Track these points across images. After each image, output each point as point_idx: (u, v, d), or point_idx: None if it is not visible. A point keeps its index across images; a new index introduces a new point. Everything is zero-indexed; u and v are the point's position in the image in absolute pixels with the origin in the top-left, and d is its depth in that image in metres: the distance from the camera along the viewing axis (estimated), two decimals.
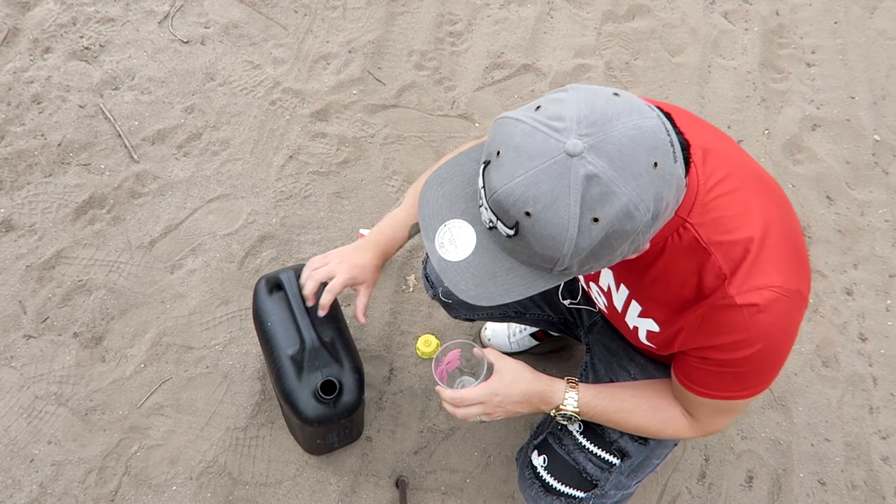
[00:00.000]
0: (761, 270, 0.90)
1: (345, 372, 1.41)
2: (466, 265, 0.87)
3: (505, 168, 0.77)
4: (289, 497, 1.57)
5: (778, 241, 0.92)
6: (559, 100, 0.78)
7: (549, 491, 1.25)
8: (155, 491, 1.55)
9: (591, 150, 0.73)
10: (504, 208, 0.78)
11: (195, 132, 2.05)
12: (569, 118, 0.75)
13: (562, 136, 0.74)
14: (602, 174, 0.73)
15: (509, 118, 0.79)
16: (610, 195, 0.73)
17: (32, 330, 1.70)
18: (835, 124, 2.34)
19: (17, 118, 1.99)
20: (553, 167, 0.74)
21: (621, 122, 0.74)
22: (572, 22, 2.48)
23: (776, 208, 0.96)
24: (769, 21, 2.58)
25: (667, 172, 0.76)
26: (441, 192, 0.92)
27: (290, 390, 1.37)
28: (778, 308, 0.91)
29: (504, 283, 0.85)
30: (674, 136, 0.78)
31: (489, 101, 2.25)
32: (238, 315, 1.78)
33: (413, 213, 1.30)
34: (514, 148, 0.76)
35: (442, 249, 0.89)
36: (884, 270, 2.04)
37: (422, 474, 1.63)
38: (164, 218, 1.89)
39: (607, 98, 0.77)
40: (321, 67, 2.23)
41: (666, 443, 1.26)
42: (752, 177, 0.97)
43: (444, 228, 0.89)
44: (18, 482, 1.53)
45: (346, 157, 2.07)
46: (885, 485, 1.70)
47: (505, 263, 0.85)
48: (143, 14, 2.25)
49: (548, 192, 0.74)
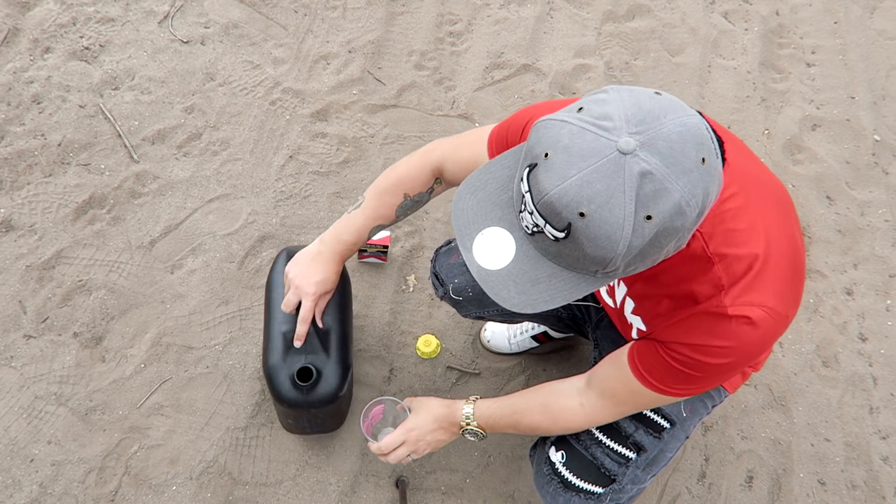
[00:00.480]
0: (759, 288, 0.92)
1: (329, 363, 1.40)
2: (507, 273, 0.86)
3: (556, 169, 0.76)
4: (289, 497, 1.57)
5: (780, 262, 0.94)
6: (602, 100, 0.78)
7: (567, 487, 1.26)
8: (155, 491, 1.55)
9: (644, 147, 0.73)
10: (556, 210, 0.77)
11: (195, 132, 2.05)
12: (617, 117, 0.75)
13: (612, 134, 0.74)
14: (655, 171, 0.73)
15: (553, 120, 0.79)
16: (663, 192, 0.73)
17: (32, 330, 1.70)
18: (835, 124, 2.34)
19: (17, 118, 1.99)
20: (606, 165, 0.73)
21: (668, 120, 0.75)
22: (572, 22, 2.48)
23: (782, 227, 0.97)
24: (769, 21, 2.58)
25: (713, 168, 0.76)
26: (475, 200, 0.90)
27: (271, 366, 1.39)
28: (764, 327, 0.93)
29: (547, 289, 0.85)
30: (712, 133, 0.79)
31: (489, 101, 2.25)
32: (238, 315, 1.78)
33: (375, 216, 1.29)
34: (563, 149, 0.76)
35: (481, 259, 0.88)
36: (884, 270, 2.04)
37: (422, 474, 1.63)
38: (164, 218, 1.89)
39: (650, 96, 0.77)
40: (321, 67, 2.23)
41: (678, 435, 1.27)
42: (763, 192, 0.98)
43: (482, 237, 0.88)
44: (18, 482, 1.53)
45: (346, 157, 2.07)
46: (885, 485, 1.70)
47: (547, 269, 0.85)
48: (143, 14, 2.25)
49: (602, 190, 0.73)
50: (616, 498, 1.24)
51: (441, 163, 1.25)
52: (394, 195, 1.28)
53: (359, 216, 1.30)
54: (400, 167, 1.29)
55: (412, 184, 1.27)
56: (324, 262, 1.33)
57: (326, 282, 1.33)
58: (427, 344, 1.76)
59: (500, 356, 1.80)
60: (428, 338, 1.77)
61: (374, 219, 1.30)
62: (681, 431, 1.27)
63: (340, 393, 1.43)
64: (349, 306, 1.50)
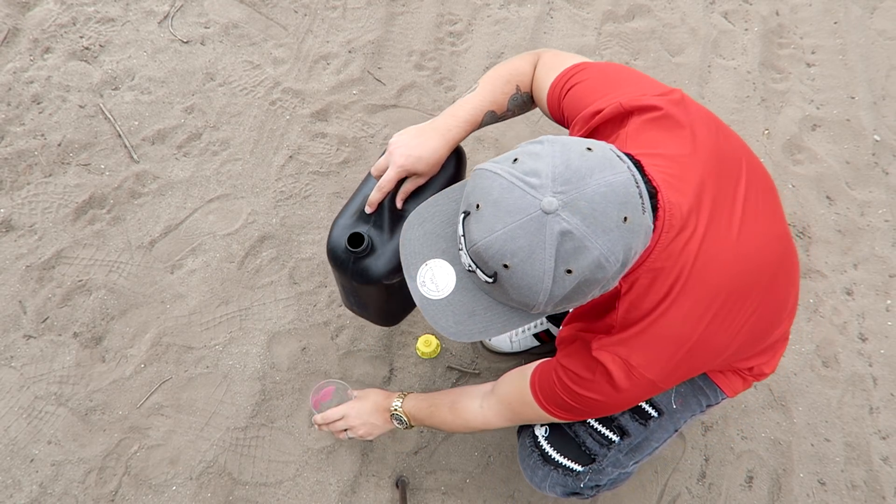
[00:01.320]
0: (631, 346, 0.97)
1: (389, 245, 1.28)
2: (447, 303, 0.92)
3: (484, 222, 0.81)
4: (289, 497, 1.57)
5: (670, 338, 0.97)
6: (535, 154, 0.82)
7: (547, 461, 1.29)
8: (155, 491, 1.55)
9: (566, 207, 0.77)
10: (483, 259, 0.83)
11: (195, 132, 2.05)
12: (544, 174, 0.79)
13: (538, 192, 0.78)
14: (575, 230, 0.77)
15: (487, 171, 0.83)
16: (582, 249, 0.78)
17: (32, 330, 1.70)
18: (835, 124, 2.34)
19: (17, 118, 1.99)
20: (529, 223, 0.78)
21: (594, 180, 0.79)
22: (572, 22, 2.48)
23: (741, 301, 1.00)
24: (769, 21, 2.57)
25: (636, 224, 0.81)
26: (422, 231, 0.96)
27: (336, 222, 1.31)
28: (623, 383, 0.99)
29: (482, 321, 0.91)
30: (643, 188, 0.83)
31: None
32: (238, 315, 1.78)
33: (490, 99, 1.24)
34: (493, 202, 0.81)
35: (423, 288, 0.93)
36: (884, 270, 2.04)
37: (422, 474, 1.63)
38: (164, 218, 1.89)
39: (581, 153, 0.81)
40: (321, 67, 2.23)
41: (665, 426, 1.29)
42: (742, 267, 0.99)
43: (426, 267, 0.94)
44: (18, 482, 1.53)
45: (346, 157, 2.07)
46: (885, 485, 1.70)
47: (483, 302, 0.90)
48: (143, 14, 2.25)
49: (525, 246, 0.79)
50: (595, 479, 1.27)
51: (537, 74, 1.25)
52: (507, 83, 1.25)
53: (474, 97, 1.24)
54: (514, 60, 1.28)
55: (523, 79, 1.26)
56: (428, 138, 1.21)
57: (422, 160, 1.20)
58: (427, 344, 1.76)
59: (500, 356, 1.80)
60: (428, 338, 1.77)
61: (490, 102, 1.24)
62: (669, 423, 1.28)
63: (387, 280, 1.30)
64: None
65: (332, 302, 1.82)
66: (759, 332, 1.08)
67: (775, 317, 1.10)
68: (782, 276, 1.07)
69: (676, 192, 0.94)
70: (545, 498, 1.61)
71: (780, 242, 1.07)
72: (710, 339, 0.99)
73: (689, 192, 0.95)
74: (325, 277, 1.86)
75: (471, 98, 1.24)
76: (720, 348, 1.02)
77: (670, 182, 0.94)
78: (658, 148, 0.99)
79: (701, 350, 1.00)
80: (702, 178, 0.97)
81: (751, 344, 1.09)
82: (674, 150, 0.99)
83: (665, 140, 1.01)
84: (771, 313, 1.08)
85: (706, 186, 0.97)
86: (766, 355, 1.23)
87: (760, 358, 1.22)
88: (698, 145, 1.01)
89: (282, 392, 1.69)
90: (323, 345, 1.76)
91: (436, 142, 1.21)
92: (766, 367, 1.25)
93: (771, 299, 1.05)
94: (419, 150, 1.20)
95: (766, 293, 1.03)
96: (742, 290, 1.00)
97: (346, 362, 1.75)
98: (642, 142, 1.00)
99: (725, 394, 1.28)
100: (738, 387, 1.28)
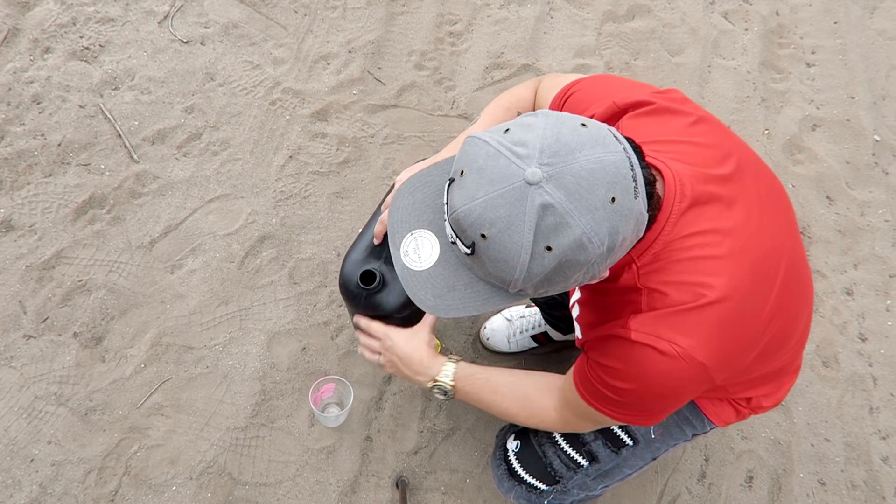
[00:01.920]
0: (676, 327, 0.89)
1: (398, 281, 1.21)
2: (427, 276, 0.89)
3: (466, 188, 0.78)
4: (289, 497, 1.57)
5: (721, 313, 0.89)
6: (527, 125, 0.79)
7: (512, 475, 1.29)
8: (155, 491, 1.55)
9: (550, 179, 0.74)
10: (462, 228, 0.80)
11: (195, 132, 2.05)
12: (532, 145, 0.76)
13: (523, 162, 0.75)
14: (557, 205, 0.74)
15: (478, 138, 0.81)
16: (564, 226, 0.75)
17: (32, 330, 1.70)
18: (835, 124, 2.34)
19: (17, 118, 1.99)
20: (511, 193, 0.75)
21: (583, 155, 0.75)
22: (572, 22, 2.48)
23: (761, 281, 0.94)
24: (769, 21, 2.57)
25: (625, 208, 0.77)
26: (412, 200, 0.94)
27: (347, 256, 1.33)
28: (670, 365, 0.89)
29: (462, 297, 0.88)
30: (638, 171, 0.79)
31: (489, 102, 2.25)
32: (238, 315, 1.78)
33: None
34: (476, 169, 0.78)
35: (406, 258, 0.91)
36: (884, 270, 2.04)
37: (422, 474, 1.63)
38: (164, 218, 1.89)
39: (574, 128, 0.78)
40: (321, 67, 2.23)
41: (642, 454, 1.26)
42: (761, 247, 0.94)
43: (411, 237, 0.91)
44: (18, 482, 1.53)
45: (346, 157, 2.07)
46: (885, 485, 1.70)
47: (464, 278, 0.87)
48: (143, 14, 2.25)
49: (504, 216, 0.76)
50: (559, 498, 1.26)
51: (538, 98, 1.26)
52: (507, 111, 1.26)
53: (475, 128, 1.27)
54: (516, 89, 1.29)
55: (523, 104, 1.27)
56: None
57: None
58: None
59: (500, 356, 1.80)
60: None
61: None
62: (646, 451, 1.26)
63: (398, 314, 1.30)
64: None
65: (332, 302, 1.82)
66: (779, 340, 1.02)
67: (789, 326, 1.04)
68: (795, 282, 1.02)
69: (688, 168, 0.91)
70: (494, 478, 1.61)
71: (793, 240, 1.04)
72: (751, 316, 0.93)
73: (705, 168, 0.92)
74: (325, 277, 1.86)
75: (472, 129, 1.26)
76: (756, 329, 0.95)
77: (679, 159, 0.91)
78: (660, 135, 0.97)
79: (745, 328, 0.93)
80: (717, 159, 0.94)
81: (769, 354, 1.03)
82: (679, 136, 0.97)
83: (665, 127, 0.99)
84: (787, 320, 1.02)
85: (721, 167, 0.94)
86: (770, 385, 1.17)
87: (763, 388, 1.17)
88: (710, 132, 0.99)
89: (282, 392, 1.69)
90: (323, 345, 1.76)
91: None
92: (765, 400, 1.19)
93: (785, 302, 0.99)
94: None
95: (781, 294, 0.97)
96: (768, 274, 0.94)
97: (346, 362, 1.75)
98: (641, 133, 0.96)
99: (713, 423, 1.23)
100: (730, 417, 1.22)
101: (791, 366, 1.18)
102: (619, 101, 1.03)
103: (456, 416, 1.70)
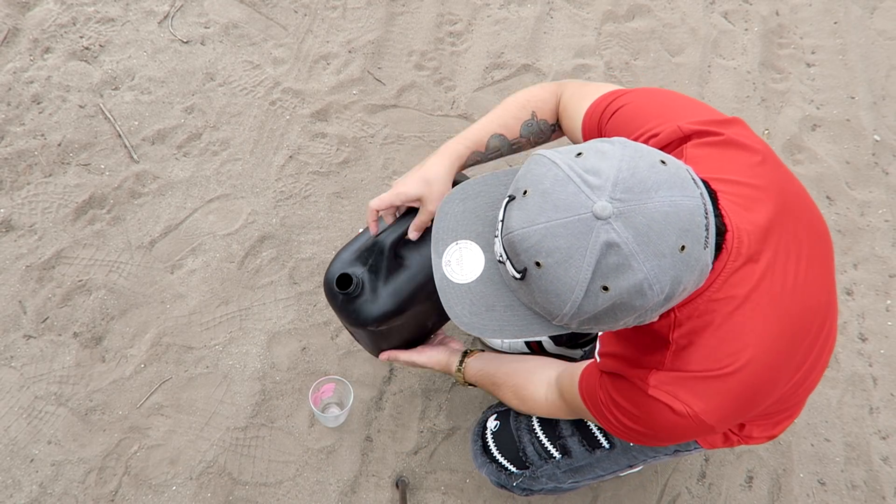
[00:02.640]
0: (695, 391, 0.87)
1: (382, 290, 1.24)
2: (467, 290, 0.85)
3: (527, 210, 0.73)
4: (289, 497, 1.57)
5: (743, 384, 0.88)
6: (602, 152, 0.74)
7: (486, 452, 1.32)
8: (155, 491, 1.55)
9: (620, 216, 0.69)
10: (516, 251, 0.75)
11: (195, 132, 2.05)
12: (606, 176, 0.71)
13: (594, 193, 0.70)
14: (623, 245, 0.70)
15: (546, 158, 0.76)
16: (626, 268, 0.70)
17: (32, 330, 1.70)
18: (835, 124, 2.34)
19: (17, 118, 1.99)
20: (575, 224, 0.70)
21: (659, 196, 0.70)
22: (572, 22, 2.48)
23: (788, 350, 0.91)
24: (769, 21, 2.57)
25: (692, 258, 0.72)
26: (462, 208, 0.89)
27: (338, 255, 1.28)
28: (681, 423, 0.89)
29: (499, 319, 0.84)
30: (711, 220, 0.75)
31: (489, 101, 2.25)
32: (238, 315, 1.78)
33: (498, 122, 1.18)
34: (541, 192, 0.73)
35: (447, 268, 0.87)
36: (884, 270, 2.04)
37: (422, 474, 1.63)
38: (164, 218, 1.89)
39: (652, 164, 0.73)
40: (321, 67, 2.23)
41: (616, 459, 1.25)
42: (790, 315, 0.90)
43: (456, 247, 0.87)
44: (18, 482, 1.53)
45: (346, 157, 2.07)
46: (885, 485, 1.70)
47: (505, 299, 0.83)
48: (143, 14, 2.25)
49: (563, 247, 0.71)
50: (528, 483, 1.28)
51: (563, 103, 1.18)
52: (521, 108, 1.18)
53: (482, 118, 1.19)
54: (534, 88, 1.21)
55: (542, 105, 1.18)
56: (428, 160, 1.16)
57: (421, 181, 1.13)
58: None
59: None
60: None
61: (498, 126, 1.17)
62: (622, 457, 1.25)
63: (373, 327, 1.27)
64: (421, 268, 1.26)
65: None
66: (793, 397, 1.01)
67: (810, 373, 1.01)
68: (822, 342, 0.99)
69: (746, 219, 0.86)
70: (543, 499, 1.61)
71: (829, 296, 1.00)
72: (771, 386, 0.91)
73: (761, 221, 0.87)
74: None
75: (478, 121, 1.19)
76: (773, 395, 0.94)
77: (740, 205, 0.87)
78: (724, 173, 0.91)
79: (761, 396, 0.92)
80: (772, 209, 0.89)
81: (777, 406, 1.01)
82: (742, 176, 0.91)
83: (731, 164, 0.92)
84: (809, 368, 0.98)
85: (775, 219, 0.89)
86: (767, 419, 1.13)
87: (759, 420, 1.13)
88: (769, 173, 0.93)
89: (282, 392, 1.69)
90: (323, 345, 1.76)
91: (431, 160, 1.15)
92: (756, 431, 1.15)
93: (812, 365, 0.98)
94: (419, 171, 1.15)
95: (810, 348, 0.95)
96: (798, 336, 0.92)
97: (345, 362, 1.75)
98: (705, 167, 0.90)
99: (699, 444, 1.21)
100: (717, 442, 1.19)
101: (795, 409, 1.15)
102: (685, 126, 0.95)
103: (456, 416, 1.71)
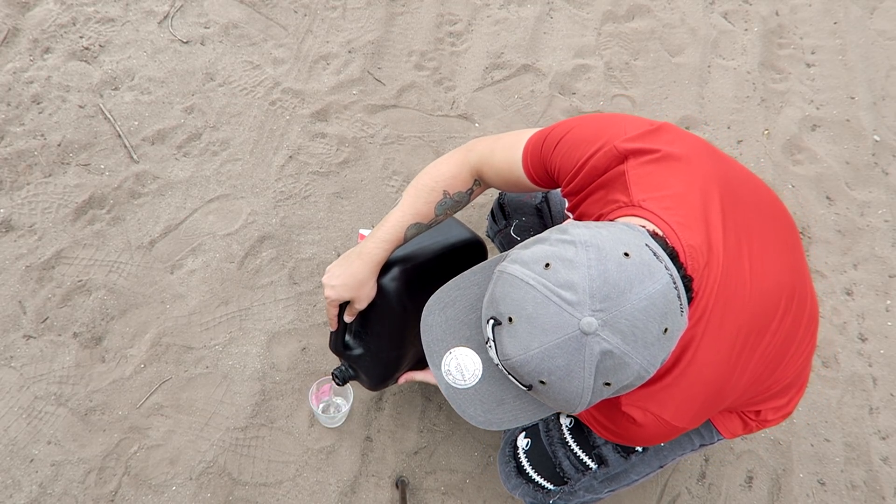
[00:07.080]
0: (662, 400, 0.94)
1: (371, 360, 1.38)
2: (474, 392, 0.89)
3: (519, 338, 0.78)
4: (289, 497, 1.57)
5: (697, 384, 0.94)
6: (569, 262, 0.77)
7: (521, 473, 1.30)
8: (155, 491, 1.55)
9: (605, 326, 0.74)
10: (519, 374, 0.80)
11: (195, 132, 2.05)
12: (580, 289, 0.75)
13: (575, 311, 0.74)
14: (615, 349, 0.75)
15: (518, 279, 0.78)
16: (623, 366, 0.76)
17: (32, 330, 1.70)
18: (835, 124, 2.34)
19: (17, 118, 1.99)
20: (567, 343, 0.75)
21: (634, 294, 0.75)
22: (572, 22, 2.48)
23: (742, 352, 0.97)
24: (769, 21, 2.58)
25: (675, 331, 0.79)
26: (444, 317, 0.92)
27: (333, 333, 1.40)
28: (649, 430, 0.96)
29: (512, 410, 0.88)
30: (680, 285, 0.79)
31: (489, 102, 2.25)
32: (238, 315, 1.78)
33: (411, 212, 1.24)
34: (526, 318, 0.77)
35: (449, 377, 0.90)
36: (884, 270, 2.04)
37: (422, 474, 1.63)
38: (164, 218, 1.89)
39: (618, 263, 0.76)
40: (321, 67, 2.23)
41: (649, 462, 1.27)
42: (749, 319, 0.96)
43: (450, 356, 0.90)
44: (18, 482, 1.53)
45: (346, 157, 2.07)
46: (884, 485, 1.70)
47: (513, 391, 0.88)
48: (143, 14, 2.25)
49: (563, 366, 0.76)
50: (565, 499, 1.27)
51: (479, 165, 1.21)
52: (432, 191, 1.22)
53: (396, 212, 1.23)
54: (440, 164, 1.24)
55: (451, 181, 1.22)
56: (350, 263, 1.23)
57: (346, 287, 1.23)
58: None
59: None
60: None
61: (412, 216, 1.22)
62: (654, 459, 1.27)
63: (375, 390, 1.45)
64: (388, 322, 1.33)
65: None
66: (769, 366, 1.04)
67: (788, 346, 1.05)
68: (794, 309, 1.03)
69: (690, 232, 0.91)
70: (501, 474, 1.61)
71: (792, 273, 1.03)
72: (736, 380, 0.97)
73: (699, 228, 0.92)
74: None
75: (392, 214, 1.23)
76: (741, 387, 0.99)
77: (683, 223, 0.91)
78: (664, 189, 0.95)
79: (728, 391, 0.98)
80: (705, 209, 0.94)
81: (760, 381, 1.05)
82: (679, 189, 0.95)
83: (672, 178, 0.96)
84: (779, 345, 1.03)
85: (711, 217, 0.93)
86: (777, 399, 1.18)
87: (772, 402, 1.18)
88: (708, 169, 0.97)
89: (282, 392, 1.69)
90: (323, 345, 1.76)
91: (356, 266, 1.22)
92: (770, 414, 1.19)
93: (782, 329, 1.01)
94: (342, 278, 1.23)
95: (779, 325, 1.00)
96: (760, 327, 0.97)
97: None
98: (646, 185, 0.95)
99: (721, 434, 1.25)
100: (737, 429, 1.24)
101: (799, 380, 1.18)
102: (620, 145, 0.99)
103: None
